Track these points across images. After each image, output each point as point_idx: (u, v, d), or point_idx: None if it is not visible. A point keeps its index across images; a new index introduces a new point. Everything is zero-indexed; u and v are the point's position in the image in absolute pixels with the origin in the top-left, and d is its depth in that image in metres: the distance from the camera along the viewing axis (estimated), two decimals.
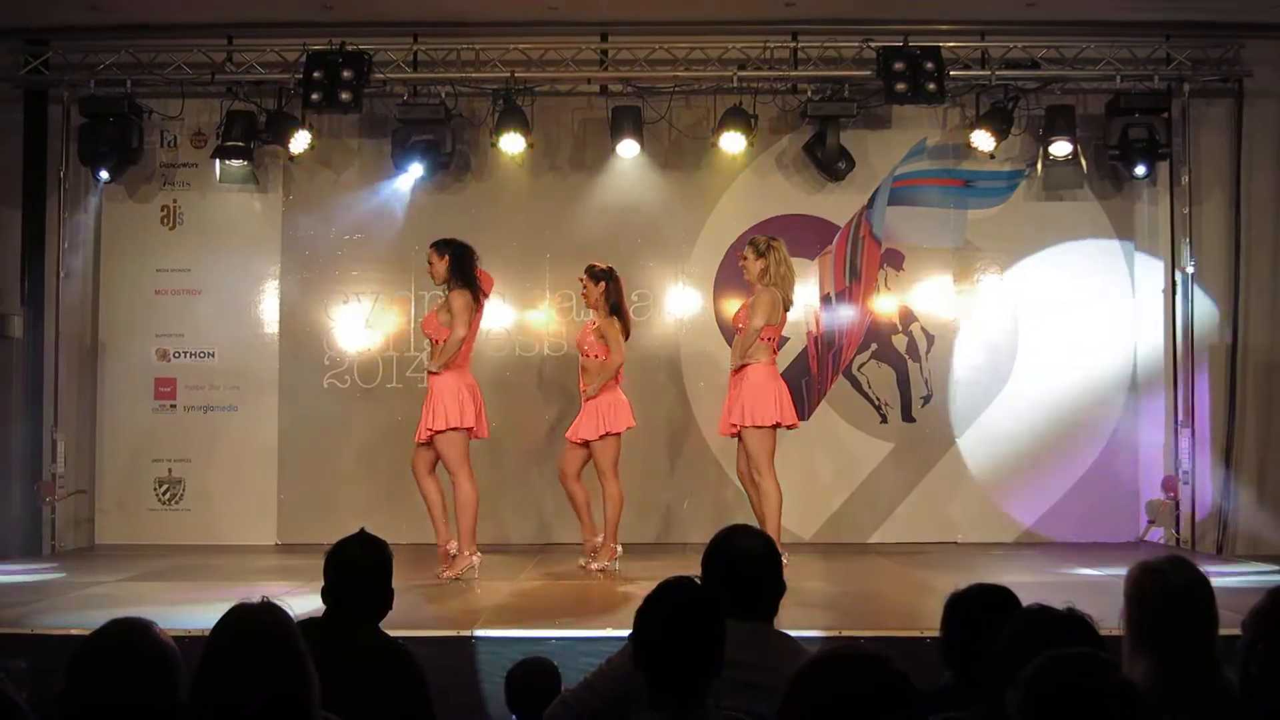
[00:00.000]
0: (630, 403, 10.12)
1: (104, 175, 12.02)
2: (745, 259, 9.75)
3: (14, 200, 12.30)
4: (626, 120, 11.91)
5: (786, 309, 9.76)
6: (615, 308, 10.11)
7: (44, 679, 5.44)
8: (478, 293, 9.76)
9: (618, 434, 10.01)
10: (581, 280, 10.18)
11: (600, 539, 10.14)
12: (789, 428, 9.65)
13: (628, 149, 11.99)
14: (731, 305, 11.92)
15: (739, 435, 9.61)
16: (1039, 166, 12.26)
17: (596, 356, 10.00)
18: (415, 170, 12.01)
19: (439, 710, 4.70)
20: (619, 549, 10.11)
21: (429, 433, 9.52)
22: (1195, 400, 12.06)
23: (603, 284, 10.07)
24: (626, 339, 10.12)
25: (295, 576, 9.23)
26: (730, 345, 9.98)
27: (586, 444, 10.00)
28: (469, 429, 9.59)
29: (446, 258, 9.74)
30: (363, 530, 4.94)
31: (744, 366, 9.59)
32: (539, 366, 12.19)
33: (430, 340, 9.81)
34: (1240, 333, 12.09)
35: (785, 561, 8.97)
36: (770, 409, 9.48)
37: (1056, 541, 11.93)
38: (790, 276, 9.72)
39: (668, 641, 3.77)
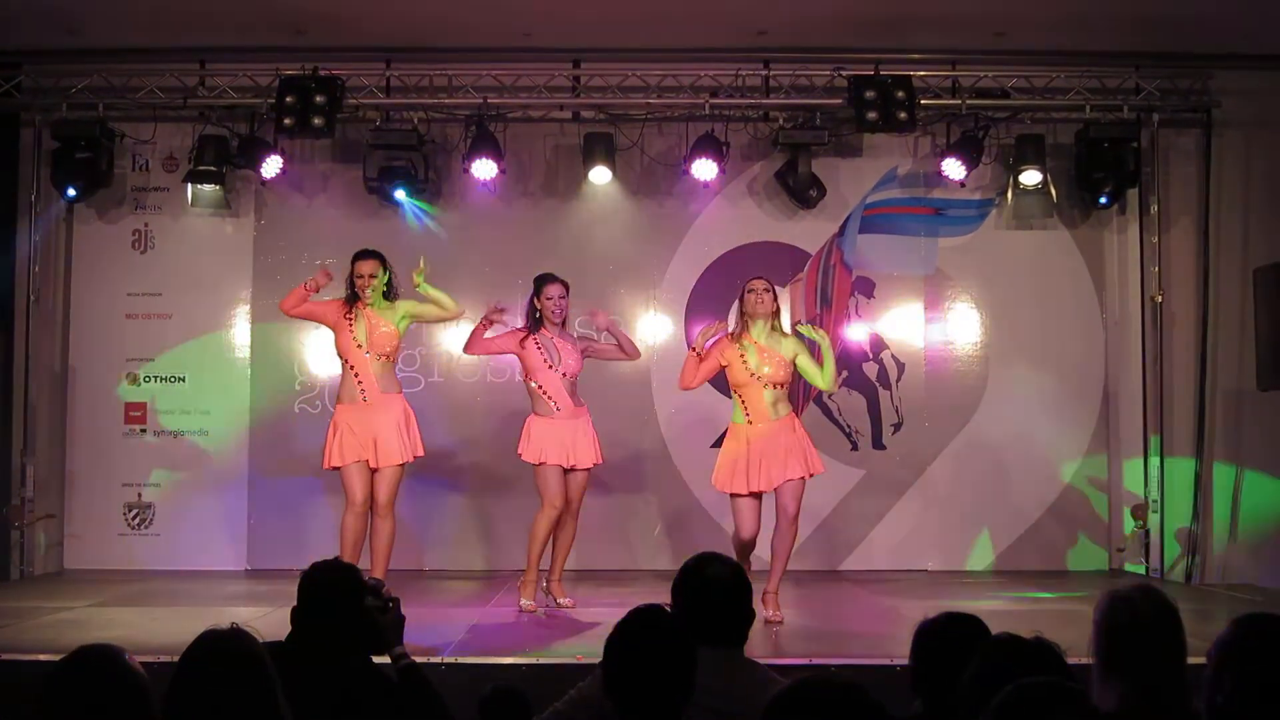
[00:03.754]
0: (599, 429, 10.11)
1: (70, 192, 11.94)
2: (768, 293, 9.22)
3: None
4: (599, 147, 11.93)
5: None
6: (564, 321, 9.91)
7: (13, 705, 5.42)
8: None
9: None
10: (558, 292, 9.67)
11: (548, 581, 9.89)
12: None
13: (600, 175, 12.01)
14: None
15: (787, 484, 9.08)
16: (1009, 195, 12.32)
17: (575, 375, 9.77)
18: (387, 195, 12.01)
19: None
20: None
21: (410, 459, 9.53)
22: (1164, 428, 12.10)
23: None
24: None
25: (265, 602, 9.22)
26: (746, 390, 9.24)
27: (570, 471, 9.64)
28: None
29: (390, 274, 9.67)
30: (337, 558, 4.93)
31: (791, 413, 9.29)
32: (511, 392, 12.13)
33: (386, 356, 9.52)
34: (1209, 360, 12.14)
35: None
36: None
37: (1026, 570, 11.94)
38: None
39: (638, 669, 3.77)
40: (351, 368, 9.47)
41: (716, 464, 9.35)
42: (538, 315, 9.70)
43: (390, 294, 9.64)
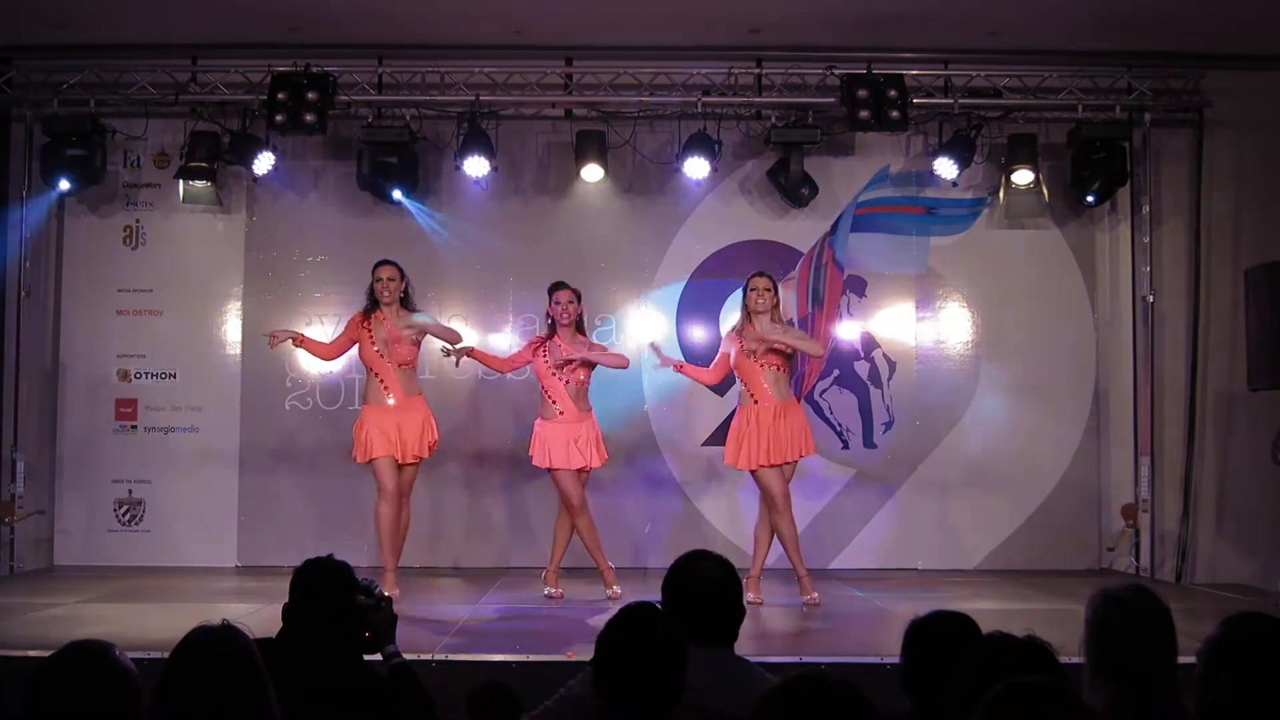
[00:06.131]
0: None
1: (62, 187, 11.90)
2: (769, 291, 9.83)
3: None
4: (591, 145, 11.91)
5: None
6: (580, 325, 10.18)
7: (2, 701, 5.39)
8: None
9: None
10: (566, 297, 10.05)
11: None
12: None
13: (592, 173, 11.99)
14: (696, 330, 12.03)
15: (775, 466, 9.70)
16: (1001, 194, 12.31)
17: (581, 381, 10.04)
18: (379, 192, 12.00)
19: None
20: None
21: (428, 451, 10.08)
22: (1155, 428, 12.10)
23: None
24: None
25: (255, 598, 9.22)
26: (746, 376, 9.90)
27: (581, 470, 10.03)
28: None
29: (405, 281, 10.02)
30: (331, 556, 4.92)
31: (793, 396, 10.02)
32: (502, 390, 12.12)
33: (407, 364, 9.99)
34: (1199, 360, 12.15)
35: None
36: None
37: (1017, 569, 11.94)
38: None
39: (629, 667, 3.76)
40: (376, 375, 9.98)
41: (727, 442, 9.98)
42: (550, 321, 10.13)
43: (407, 302, 10.11)
